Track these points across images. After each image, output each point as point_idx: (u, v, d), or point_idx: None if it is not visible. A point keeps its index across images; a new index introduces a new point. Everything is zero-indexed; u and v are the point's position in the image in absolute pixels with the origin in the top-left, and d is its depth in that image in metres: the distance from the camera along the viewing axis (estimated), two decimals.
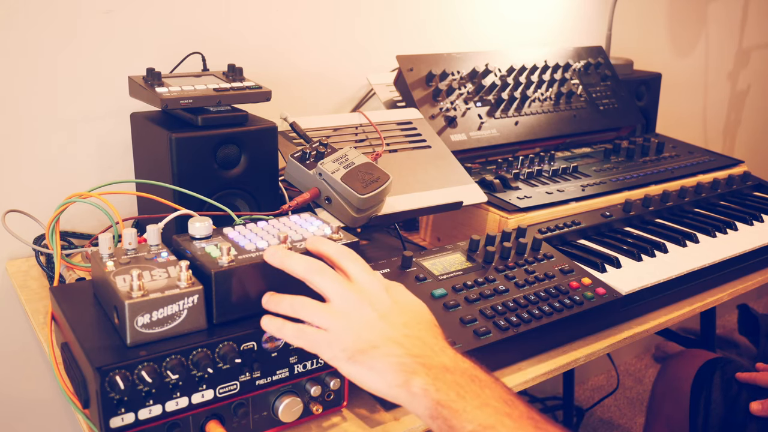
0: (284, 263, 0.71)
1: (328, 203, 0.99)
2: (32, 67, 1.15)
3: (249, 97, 1.02)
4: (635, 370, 2.60)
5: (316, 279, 0.70)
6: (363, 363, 0.65)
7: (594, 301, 0.96)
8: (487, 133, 1.38)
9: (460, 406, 0.62)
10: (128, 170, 1.19)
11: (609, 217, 1.24)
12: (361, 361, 0.65)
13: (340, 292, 0.69)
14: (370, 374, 0.65)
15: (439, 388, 0.63)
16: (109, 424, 0.64)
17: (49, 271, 1.03)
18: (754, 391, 1.29)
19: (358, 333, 0.66)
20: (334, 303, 0.69)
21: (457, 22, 1.67)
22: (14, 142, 1.16)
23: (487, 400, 0.63)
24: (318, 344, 0.67)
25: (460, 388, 0.63)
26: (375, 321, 0.67)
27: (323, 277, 0.70)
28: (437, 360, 0.65)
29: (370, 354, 0.65)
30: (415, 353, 0.65)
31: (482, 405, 0.62)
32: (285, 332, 0.69)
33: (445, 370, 0.64)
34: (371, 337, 0.66)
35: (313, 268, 0.70)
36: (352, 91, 1.53)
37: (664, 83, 1.83)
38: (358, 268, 0.71)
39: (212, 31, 1.31)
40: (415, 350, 0.65)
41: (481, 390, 0.63)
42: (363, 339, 0.66)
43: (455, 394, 0.62)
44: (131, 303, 0.65)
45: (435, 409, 0.62)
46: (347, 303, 0.68)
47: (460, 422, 0.61)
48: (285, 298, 0.71)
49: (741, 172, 1.52)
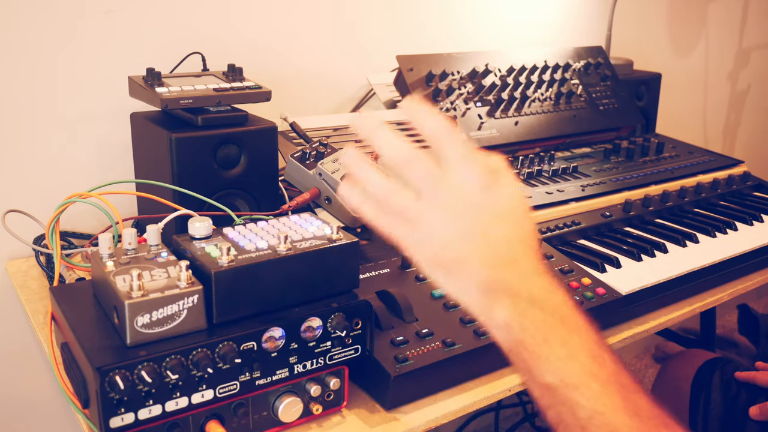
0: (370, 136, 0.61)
1: (328, 203, 0.99)
2: (32, 67, 1.15)
3: (249, 97, 1.02)
4: (635, 370, 2.60)
5: (408, 167, 0.60)
6: (450, 273, 0.60)
7: (594, 301, 0.96)
8: (487, 133, 1.38)
9: (544, 352, 0.56)
10: (128, 170, 1.19)
11: (609, 217, 1.24)
12: (448, 271, 0.60)
13: (436, 187, 0.59)
14: (456, 285, 0.60)
15: (524, 326, 0.57)
16: (109, 424, 0.64)
17: (49, 271, 1.03)
18: (753, 390, 1.29)
19: (451, 239, 0.59)
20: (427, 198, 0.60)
21: (457, 22, 1.67)
22: (14, 141, 1.16)
23: (575, 351, 0.56)
24: (402, 240, 0.60)
25: (548, 329, 0.57)
26: (472, 229, 0.59)
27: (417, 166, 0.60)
28: (528, 289, 0.58)
29: (459, 266, 0.59)
30: (506, 277, 0.58)
31: (568, 356, 0.56)
32: (365, 210, 0.61)
33: (534, 304, 0.58)
34: (464, 248, 0.59)
35: (404, 153, 0.60)
36: (352, 91, 1.53)
37: (664, 83, 1.83)
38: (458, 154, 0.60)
39: (212, 31, 1.31)
40: (508, 274, 0.58)
41: (569, 336, 0.57)
42: (455, 247, 0.59)
43: (541, 336, 0.56)
44: (131, 303, 0.65)
45: (516, 347, 0.57)
46: (443, 201, 0.59)
47: (540, 370, 0.56)
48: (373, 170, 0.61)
49: (741, 172, 1.52)
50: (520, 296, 0.58)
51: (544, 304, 0.58)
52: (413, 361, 0.80)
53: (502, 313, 0.57)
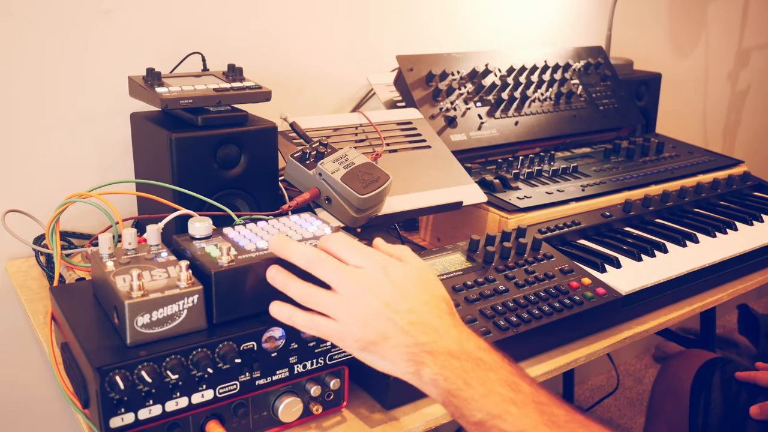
0: (285, 253, 0.71)
1: (328, 203, 0.99)
2: (32, 67, 1.15)
3: (249, 97, 1.02)
4: (635, 370, 2.60)
5: (316, 270, 0.70)
6: (376, 352, 0.68)
7: (594, 301, 0.96)
8: (487, 133, 1.38)
9: (468, 394, 0.64)
10: (128, 170, 1.19)
11: (609, 217, 1.24)
12: (374, 351, 0.68)
13: (342, 282, 0.68)
14: (385, 363, 0.68)
15: (447, 377, 0.65)
16: (109, 424, 0.64)
17: (49, 271, 1.03)
18: (753, 390, 1.29)
19: (366, 323, 0.67)
20: (339, 292, 0.69)
21: (458, 22, 1.67)
22: (14, 141, 1.16)
23: (493, 386, 0.65)
24: (330, 336, 0.69)
25: (467, 374, 0.65)
26: (380, 309, 0.67)
27: (323, 268, 0.69)
28: (443, 345, 0.67)
29: (381, 345, 0.67)
30: (421, 341, 0.66)
31: (488, 393, 0.64)
32: (296, 320, 0.70)
33: (451, 356, 0.66)
34: (380, 327, 0.67)
35: (312, 259, 0.70)
36: (352, 91, 1.53)
37: (664, 83, 1.83)
38: (353, 252, 0.71)
39: (212, 31, 1.31)
40: (422, 337, 0.67)
41: (486, 375, 0.65)
42: (371, 329, 0.67)
43: (462, 382, 0.65)
44: (131, 303, 0.65)
45: (446, 397, 0.65)
46: (350, 292, 0.68)
47: (470, 411, 0.64)
48: (292, 281, 0.71)
49: (741, 172, 1.52)
50: (438, 353, 0.66)
51: (460, 354, 0.66)
52: None
53: (428, 372, 0.66)
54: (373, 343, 0.67)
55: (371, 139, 1.20)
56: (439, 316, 0.69)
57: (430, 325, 0.68)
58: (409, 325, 0.67)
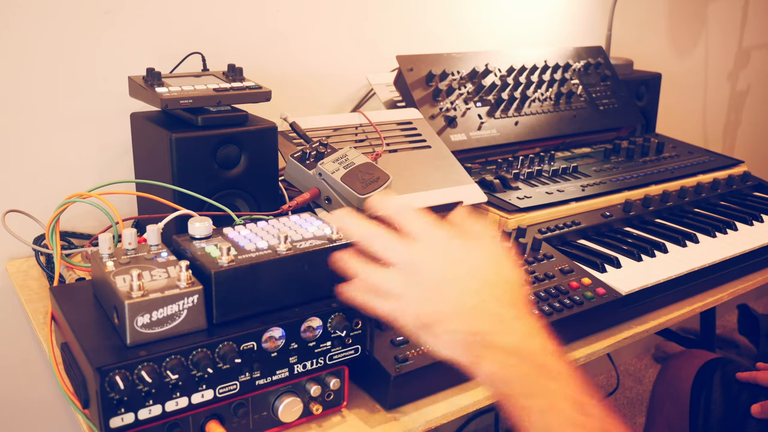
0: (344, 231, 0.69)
1: (328, 203, 0.99)
2: (32, 67, 1.15)
3: (249, 97, 1.02)
4: (635, 370, 2.60)
5: (374, 246, 0.65)
6: (432, 335, 0.63)
7: (594, 301, 0.96)
8: (487, 133, 1.38)
9: (525, 403, 0.58)
10: (128, 170, 1.19)
11: (609, 217, 1.24)
12: (431, 333, 0.63)
13: (402, 257, 0.64)
14: (440, 346, 0.63)
15: (504, 378, 0.59)
16: (109, 424, 0.64)
17: (49, 271, 1.03)
18: (754, 390, 1.29)
19: (424, 301, 0.62)
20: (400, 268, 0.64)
21: (458, 22, 1.67)
22: (15, 141, 1.16)
23: (555, 401, 0.58)
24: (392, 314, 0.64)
25: (527, 379, 0.59)
26: (441, 287, 0.62)
27: (381, 243, 0.65)
28: (504, 338, 0.60)
29: (436, 327, 0.62)
30: (481, 329, 0.60)
31: (548, 408, 0.57)
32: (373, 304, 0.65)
33: (511, 354, 0.59)
34: (437, 307, 0.62)
35: (367, 235, 0.65)
36: (352, 91, 1.53)
37: (664, 83, 1.83)
38: (420, 224, 0.65)
39: (212, 31, 1.31)
40: (482, 325, 0.61)
41: (548, 384, 0.58)
42: (429, 309, 0.62)
43: (520, 387, 0.59)
44: (131, 303, 0.65)
45: (500, 396, 0.60)
46: (411, 267, 0.63)
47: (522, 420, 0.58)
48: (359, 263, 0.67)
49: (741, 172, 1.52)
50: (498, 347, 0.60)
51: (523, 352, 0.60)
52: (413, 361, 0.80)
53: (485, 366, 0.60)
54: (430, 323, 0.62)
55: (371, 139, 1.20)
56: (506, 302, 0.62)
57: (494, 311, 0.61)
58: (469, 309, 0.61)
